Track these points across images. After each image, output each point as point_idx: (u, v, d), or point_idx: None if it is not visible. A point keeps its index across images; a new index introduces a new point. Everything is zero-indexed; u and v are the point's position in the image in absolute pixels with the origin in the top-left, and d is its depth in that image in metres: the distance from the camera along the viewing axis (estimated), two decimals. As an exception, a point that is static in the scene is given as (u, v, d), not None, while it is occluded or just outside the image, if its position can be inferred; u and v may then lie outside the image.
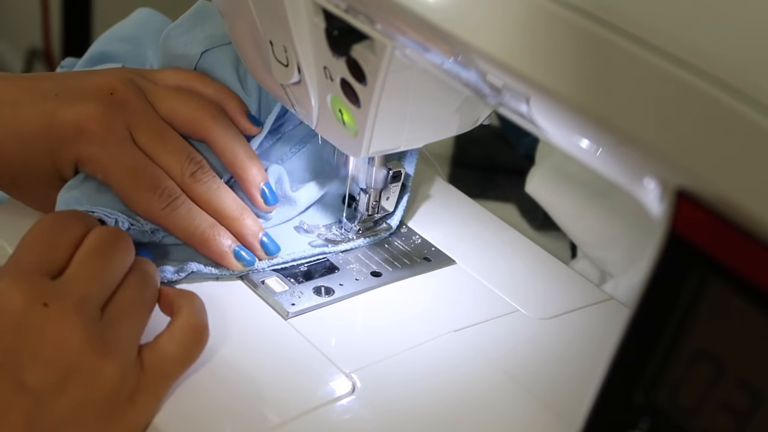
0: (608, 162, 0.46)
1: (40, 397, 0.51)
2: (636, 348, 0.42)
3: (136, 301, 0.57)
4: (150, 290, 0.59)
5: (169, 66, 0.73)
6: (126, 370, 0.54)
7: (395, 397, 0.60)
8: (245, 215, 0.68)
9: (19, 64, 2.36)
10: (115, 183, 0.65)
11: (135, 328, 0.56)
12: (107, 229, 0.59)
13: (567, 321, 0.68)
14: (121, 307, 0.56)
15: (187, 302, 0.59)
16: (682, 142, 0.38)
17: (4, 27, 2.47)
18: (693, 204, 0.39)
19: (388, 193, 0.72)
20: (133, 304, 0.57)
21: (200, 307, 0.59)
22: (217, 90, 0.70)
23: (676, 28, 0.39)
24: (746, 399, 0.39)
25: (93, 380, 0.53)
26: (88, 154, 0.65)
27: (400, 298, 0.68)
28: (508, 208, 0.96)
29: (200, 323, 0.58)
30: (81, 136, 0.64)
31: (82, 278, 0.55)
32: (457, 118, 0.64)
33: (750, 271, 0.37)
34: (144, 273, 0.59)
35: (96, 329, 0.53)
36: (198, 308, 0.59)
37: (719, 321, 0.39)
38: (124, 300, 0.56)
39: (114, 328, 0.55)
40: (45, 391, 0.51)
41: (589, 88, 0.41)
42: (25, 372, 0.51)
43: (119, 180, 0.65)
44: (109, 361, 0.53)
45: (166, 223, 0.65)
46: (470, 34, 0.45)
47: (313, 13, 0.57)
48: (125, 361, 0.54)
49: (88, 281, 0.55)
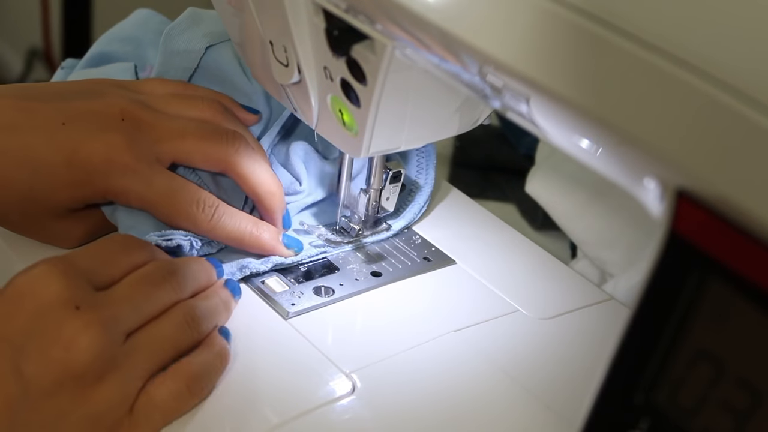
0: (608, 162, 0.46)
1: (29, 391, 0.51)
2: (636, 348, 0.42)
3: (164, 340, 0.56)
4: (185, 335, 0.57)
5: (169, 64, 0.73)
6: (116, 402, 0.53)
7: (395, 397, 0.60)
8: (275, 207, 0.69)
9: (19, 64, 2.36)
10: (155, 208, 0.65)
11: (149, 364, 0.55)
12: (165, 262, 0.60)
13: (567, 321, 0.68)
14: (146, 340, 0.55)
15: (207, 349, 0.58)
16: (682, 142, 0.38)
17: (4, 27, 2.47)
18: (693, 204, 0.39)
19: (388, 193, 0.72)
20: (158, 341, 0.56)
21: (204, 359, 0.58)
22: (206, 92, 0.70)
23: (676, 28, 0.39)
24: (746, 399, 0.39)
25: (84, 397, 0.52)
26: (122, 186, 0.64)
27: (400, 298, 0.68)
28: (508, 208, 0.96)
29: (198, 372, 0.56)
30: (111, 169, 0.63)
31: (121, 298, 0.55)
32: (457, 118, 0.64)
33: (750, 271, 0.37)
34: (189, 314, 0.58)
35: (111, 350, 0.53)
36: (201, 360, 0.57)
37: (719, 321, 0.39)
38: (153, 334, 0.56)
39: (129, 356, 0.54)
40: (36, 388, 0.51)
41: (589, 88, 0.41)
42: (27, 361, 0.51)
43: (159, 204, 0.64)
44: (106, 385, 0.52)
45: (216, 233, 0.66)
46: (470, 34, 0.45)
47: (313, 13, 0.57)
48: (121, 393, 0.53)
49: (125, 303, 0.55)
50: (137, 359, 0.54)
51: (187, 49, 0.72)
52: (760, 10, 0.38)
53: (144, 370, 0.55)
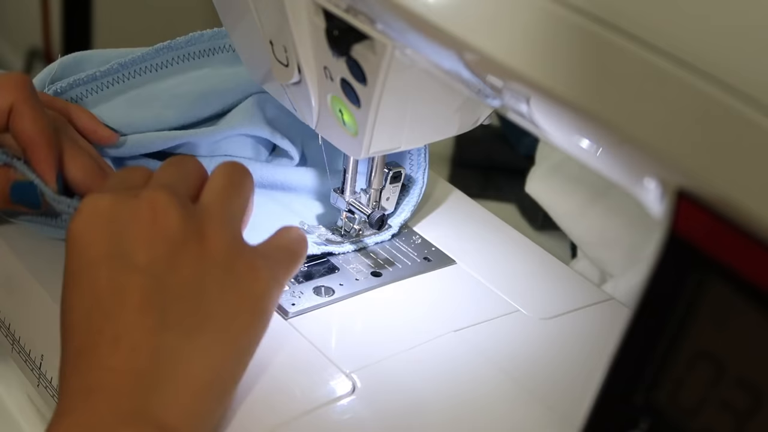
0: (608, 162, 0.46)
1: (156, 275, 0.52)
2: (636, 348, 0.42)
3: (227, 186, 0.57)
4: (238, 175, 0.59)
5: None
6: (232, 246, 0.54)
7: (395, 397, 0.60)
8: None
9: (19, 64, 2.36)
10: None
11: (233, 209, 0.57)
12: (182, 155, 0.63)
13: (567, 321, 0.68)
14: (211, 194, 0.57)
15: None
16: (682, 142, 0.38)
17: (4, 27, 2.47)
18: (693, 204, 0.39)
19: (388, 193, 0.72)
20: (223, 189, 0.57)
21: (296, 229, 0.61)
22: (65, 104, 0.70)
23: (677, 28, 0.39)
24: (746, 399, 0.39)
25: (203, 253, 0.53)
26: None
27: (400, 298, 0.68)
28: (508, 208, 0.96)
29: (297, 231, 0.60)
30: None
31: (164, 178, 0.57)
32: (457, 118, 0.64)
33: (750, 271, 0.37)
34: (229, 163, 0.59)
35: (190, 209, 0.54)
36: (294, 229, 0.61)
37: (719, 321, 0.39)
38: (213, 187, 0.57)
39: (209, 210, 0.55)
40: (159, 268, 0.52)
41: (589, 88, 0.41)
42: (135, 255, 0.52)
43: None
44: (212, 237, 0.54)
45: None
46: (470, 34, 0.45)
47: (313, 13, 0.57)
48: (230, 237, 0.55)
49: (170, 178, 0.57)
50: (218, 208, 0.56)
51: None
52: (760, 11, 0.38)
53: (232, 216, 0.56)
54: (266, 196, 0.76)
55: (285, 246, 0.59)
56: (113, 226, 0.53)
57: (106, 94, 0.73)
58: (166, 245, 0.53)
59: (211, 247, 0.54)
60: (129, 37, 1.45)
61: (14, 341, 0.65)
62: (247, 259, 0.55)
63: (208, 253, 0.53)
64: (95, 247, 0.53)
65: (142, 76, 0.74)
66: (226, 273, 0.53)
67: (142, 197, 0.54)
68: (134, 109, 0.73)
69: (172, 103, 0.74)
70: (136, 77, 0.74)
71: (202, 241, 0.54)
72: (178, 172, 0.58)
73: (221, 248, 0.54)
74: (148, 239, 0.53)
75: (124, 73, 0.73)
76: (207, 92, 0.75)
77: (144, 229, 0.53)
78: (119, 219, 0.53)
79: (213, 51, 0.76)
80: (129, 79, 0.73)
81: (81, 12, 2.11)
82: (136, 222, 0.53)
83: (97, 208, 0.54)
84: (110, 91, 0.73)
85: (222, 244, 0.54)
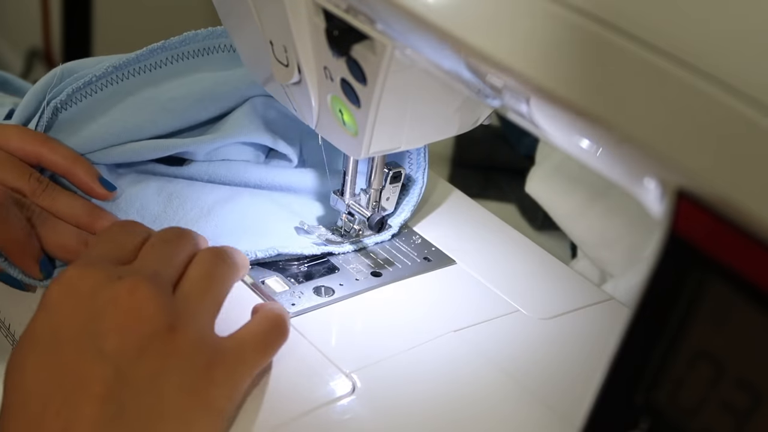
0: (608, 162, 0.46)
1: (120, 365, 0.52)
2: (636, 348, 0.42)
3: (207, 276, 0.58)
4: (222, 265, 0.59)
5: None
6: (199, 342, 0.54)
7: (395, 397, 0.60)
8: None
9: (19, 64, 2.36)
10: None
11: (207, 302, 0.57)
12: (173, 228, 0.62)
13: (567, 321, 0.68)
14: (191, 282, 0.57)
15: (267, 303, 0.62)
16: (682, 142, 0.38)
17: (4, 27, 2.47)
18: (693, 204, 0.39)
19: (388, 193, 0.72)
20: (203, 278, 0.57)
21: (279, 306, 0.61)
22: (64, 156, 0.70)
23: (677, 28, 0.39)
24: (746, 399, 0.39)
25: (168, 349, 0.53)
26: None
27: (400, 298, 0.68)
28: (508, 208, 0.96)
29: (280, 317, 0.59)
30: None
31: (151, 260, 0.57)
32: (457, 118, 0.64)
33: (750, 271, 0.37)
34: (216, 249, 0.60)
35: (168, 300, 0.54)
36: (277, 306, 0.61)
37: (719, 321, 0.39)
38: (194, 275, 0.58)
39: (185, 301, 0.56)
40: (125, 359, 0.52)
41: (589, 88, 0.41)
42: (105, 340, 0.52)
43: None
44: (181, 331, 0.54)
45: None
46: (470, 35, 0.45)
47: (313, 13, 0.57)
48: (198, 333, 0.55)
49: (157, 262, 0.57)
50: (193, 301, 0.56)
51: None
52: (760, 11, 0.38)
53: (206, 309, 0.56)
54: (266, 197, 0.76)
55: (261, 333, 0.58)
56: (90, 305, 0.53)
57: (100, 96, 0.72)
58: (137, 336, 0.53)
59: (177, 342, 0.54)
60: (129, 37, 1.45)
61: (14, 341, 0.65)
62: (210, 361, 0.54)
63: (172, 348, 0.53)
64: (69, 323, 0.53)
65: (137, 77, 0.74)
66: (185, 373, 0.53)
67: (124, 282, 0.54)
68: (130, 115, 0.73)
69: (168, 108, 0.74)
70: (130, 78, 0.73)
71: (171, 335, 0.54)
72: (167, 252, 0.58)
73: (186, 345, 0.54)
74: (120, 326, 0.53)
75: (118, 75, 0.73)
76: (203, 97, 0.75)
77: (119, 315, 0.53)
78: (98, 299, 0.53)
79: (208, 51, 0.76)
80: (123, 80, 0.73)
81: (81, 12, 2.11)
82: (113, 306, 0.53)
83: (78, 282, 0.54)
84: (105, 93, 0.73)
85: (187, 340, 0.54)
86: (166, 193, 0.73)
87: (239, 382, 0.55)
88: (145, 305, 0.53)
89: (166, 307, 0.54)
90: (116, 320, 0.53)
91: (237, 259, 0.61)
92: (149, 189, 0.73)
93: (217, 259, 0.59)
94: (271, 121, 0.76)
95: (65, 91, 0.71)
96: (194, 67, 0.75)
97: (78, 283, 0.54)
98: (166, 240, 0.59)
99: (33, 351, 0.53)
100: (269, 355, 0.58)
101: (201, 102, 0.75)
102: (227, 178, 0.76)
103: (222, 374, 0.54)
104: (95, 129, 0.72)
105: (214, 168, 0.76)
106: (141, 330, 0.53)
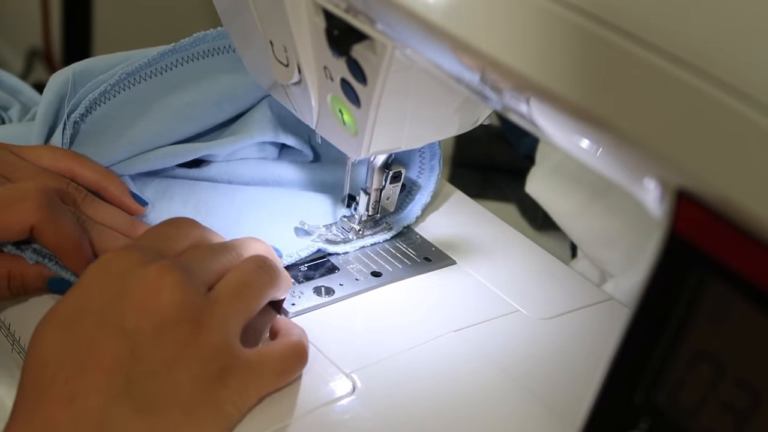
0: (608, 162, 0.46)
1: (136, 343, 0.52)
2: (636, 348, 0.42)
3: (243, 283, 0.58)
4: (262, 277, 0.59)
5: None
6: (221, 345, 0.54)
7: (395, 397, 0.60)
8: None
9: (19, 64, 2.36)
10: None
11: (236, 307, 0.57)
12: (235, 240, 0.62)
13: (567, 321, 0.68)
14: (227, 285, 0.57)
15: (292, 327, 0.61)
16: (682, 142, 0.38)
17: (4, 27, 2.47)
18: (693, 204, 0.39)
19: (389, 193, 0.72)
20: (239, 285, 0.57)
21: (301, 330, 0.61)
22: (95, 172, 0.70)
23: (676, 27, 0.39)
24: (746, 399, 0.39)
25: (188, 340, 0.53)
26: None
27: (400, 298, 0.68)
28: (508, 208, 0.96)
29: (302, 346, 0.59)
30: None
31: (190, 258, 0.58)
32: (457, 118, 0.64)
33: (750, 271, 0.37)
34: (261, 260, 0.60)
35: (196, 295, 0.55)
36: (302, 334, 0.60)
37: (719, 321, 0.39)
38: (231, 279, 0.58)
39: (215, 302, 0.55)
40: (141, 338, 0.52)
41: (589, 88, 0.41)
42: (125, 318, 0.53)
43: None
44: (205, 329, 0.54)
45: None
46: (470, 35, 0.45)
47: (314, 13, 0.57)
48: (221, 336, 0.54)
49: (194, 260, 0.57)
50: (223, 303, 0.56)
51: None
52: (760, 10, 0.38)
53: (236, 315, 0.56)
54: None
55: (282, 357, 0.58)
56: (119, 284, 0.54)
57: (115, 103, 0.73)
58: (157, 319, 0.53)
59: (199, 337, 0.54)
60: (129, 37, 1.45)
61: (14, 341, 0.65)
62: (228, 366, 0.54)
63: (193, 341, 0.53)
64: (95, 298, 0.54)
65: (149, 81, 0.74)
66: (199, 368, 0.53)
67: (155, 265, 0.54)
68: (151, 124, 0.74)
69: (187, 113, 0.75)
70: (142, 83, 0.74)
71: (194, 328, 0.54)
72: (209, 258, 0.59)
73: (207, 343, 0.54)
74: (142, 305, 0.53)
75: (130, 80, 0.74)
76: (221, 99, 0.76)
77: (143, 295, 0.53)
78: (127, 279, 0.54)
79: (218, 51, 0.76)
80: (135, 85, 0.74)
81: (81, 12, 2.11)
82: (139, 286, 0.54)
83: (112, 263, 0.55)
84: (119, 100, 0.73)
85: (212, 341, 0.54)
86: (192, 205, 0.74)
87: (251, 395, 0.56)
88: (171, 291, 0.54)
89: (193, 300, 0.54)
90: (139, 299, 0.53)
91: (280, 274, 0.61)
92: (174, 202, 0.74)
93: (260, 270, 0.59)
94: (286, 117, 0.77)
95: (82, 103, 0.72)
96: (206, 67, 0.76)
97: (112, 263, 0.55)
98: (210, 248, 0.60)
99: (55, 322, 0.54)
100: (285, 380, 0.58)
101: (219, 105, 0.76)
102: (247, 177, 0.77)
103: (236, 382, 0.54)
104: (117, 140, 0.73)
105: (233, 168, 0.77)
106: (162, 313, 0.53)
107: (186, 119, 0.75)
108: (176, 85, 0.75)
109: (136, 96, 0.74)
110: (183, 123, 0.75)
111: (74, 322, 0.53)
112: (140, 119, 0.74)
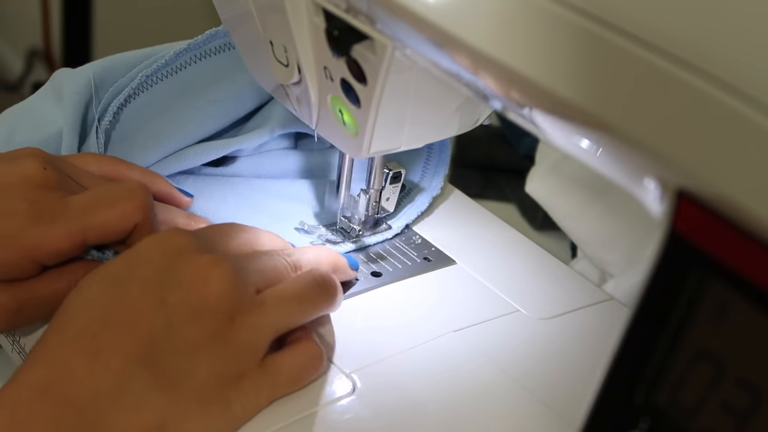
0: (608, 162, 0.46)
1: (172, 320, 0.52)
2: (636, 348, 0.42)
3: (295, 295, 0.58)
4: (318, 295, 0.59)
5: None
6: (246, 347, 0.54)
7: (395, 397, 0.60)
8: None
9: (19, 64, 2.36)
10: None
11: (276, 315, 0.56)
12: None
13: (567, 321, 0.68)
14: (277, 291, 0.57)
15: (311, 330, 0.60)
16: (682, 142, 0.38)
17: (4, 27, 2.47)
18: (693, 204, 0.39)
19: (388, 193, 0.72)
20: (289, 295, 0.57)
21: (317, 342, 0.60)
22: (141, 172, 0.70)
23: (676, 28, 0.39)
24: (746, 399, 0.39)
25: (217, 333, 0.53)
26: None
27: (400, 298, 0.68)
28: (508, 208, 0.96)
29: (321, 354, 0.59)
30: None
31: (246, 259, 0.58)
32: (457, 118, 0.64)
33: (750, 271, 0.38)
34: (322, 278, 0.60)
35: (242, 293, 0.55)
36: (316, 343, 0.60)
37: (719, 321, 0.39)
38: (284, 287, 0.58)
39: (258, 304, 0.55)
40: (179, 316, 0.53)
41: (589, 88, 0.41)
42: (170, 292, 0.53)
43: None
44: (239, 328, 0.54)
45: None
46: (470, 35, 0.45)
47: (313, 13, 0.57)
48: (249, 338, 0.55)
49: (249, 262, 0.58)
50: (266, 309, 0.56)
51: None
52: (760, 11, 0.38)
53: (273, 323, 0.56)
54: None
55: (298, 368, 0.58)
56: (172, 261, 0.54)
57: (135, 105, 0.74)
58: (197, 303, 0.53)
59: (231, 336, 0.54)
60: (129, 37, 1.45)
61: (14, 341, 0.65)
62: (247, 370, 0.55)
63: (224, 338, 0.54)
64: (145, 266, 0.54)
65: (166, 81, 0.75)
66: (219, 363, 0.53)
67: (210, 257, 0.55)
68: (179, 125, 0.75)
69: (211, 113, 0.76)
70: (159, 83, 0.75)
71: (228, 325, 0.54)
72: (268, 266, 0.58)
73: (236, 344, 0.54)
74: (187, 287, 0.54)
75: (149, 82, 0.75)
76: (242, 93, 0.77)
77: (192, 277, 0.54)
78: (181, 258, 0.54)
79: (231, 46, 0.77)
80: (153, 86, 0.75)
81: (81, 12, 2.11)
82: (190, 268, 0.54)
83: (172, 240, 0.56)
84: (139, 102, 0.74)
85: (240, 340, 0.54)
86: (232, 202, 0.75)
87: (262, 401, 0.56)
88: (219, 281, 0.54)
89: (237, 296, 0.54)
90: (187, 279, 0.54)
91: (337, 295, 0.61)
92: (213, 200, 0.75)
93: (317, 288, 0.59)
94: None
95: (109, 109, 0.73)
96: (222, 63, 0.77)
97: (171, 240, 0.56)
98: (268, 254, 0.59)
99: (100, 279, 0.54)
100: (299, 387, 0.58)
101: (240, 99, 0.77)
102: (272, 170, 0.78)
103: (250, 387, 0.55)
104: (146, 143, 0.74)
105: (259, 161, 0.78)
106: (204, 299, 0.53)
107: (211, 117, 0.76)
108: (195, 83, 0.76)
109: (157, 97, 0.75)
110: (208, 121, 0.76)
111: (119, 284, 0.54)
112: (166, 121, 0.75)
